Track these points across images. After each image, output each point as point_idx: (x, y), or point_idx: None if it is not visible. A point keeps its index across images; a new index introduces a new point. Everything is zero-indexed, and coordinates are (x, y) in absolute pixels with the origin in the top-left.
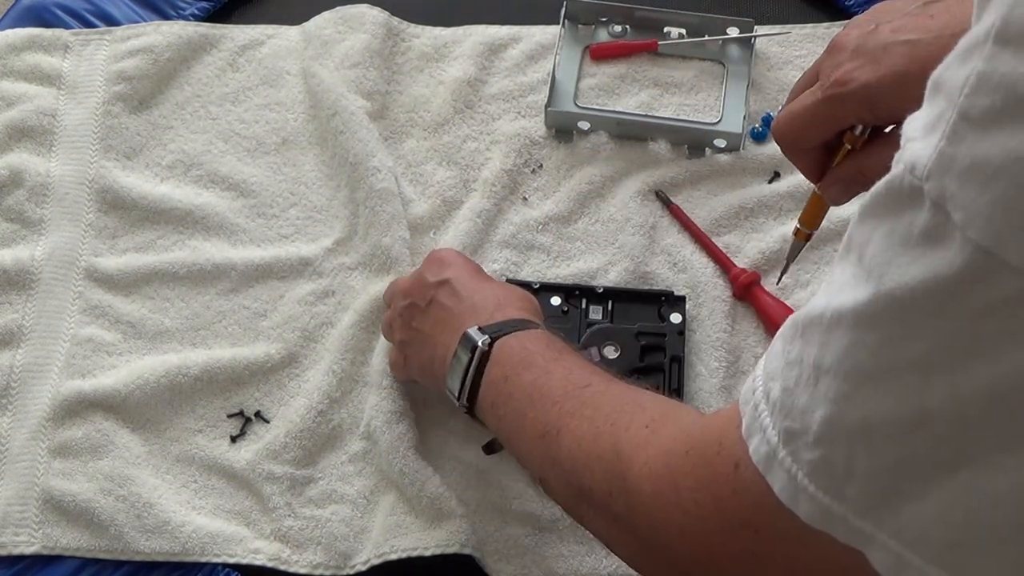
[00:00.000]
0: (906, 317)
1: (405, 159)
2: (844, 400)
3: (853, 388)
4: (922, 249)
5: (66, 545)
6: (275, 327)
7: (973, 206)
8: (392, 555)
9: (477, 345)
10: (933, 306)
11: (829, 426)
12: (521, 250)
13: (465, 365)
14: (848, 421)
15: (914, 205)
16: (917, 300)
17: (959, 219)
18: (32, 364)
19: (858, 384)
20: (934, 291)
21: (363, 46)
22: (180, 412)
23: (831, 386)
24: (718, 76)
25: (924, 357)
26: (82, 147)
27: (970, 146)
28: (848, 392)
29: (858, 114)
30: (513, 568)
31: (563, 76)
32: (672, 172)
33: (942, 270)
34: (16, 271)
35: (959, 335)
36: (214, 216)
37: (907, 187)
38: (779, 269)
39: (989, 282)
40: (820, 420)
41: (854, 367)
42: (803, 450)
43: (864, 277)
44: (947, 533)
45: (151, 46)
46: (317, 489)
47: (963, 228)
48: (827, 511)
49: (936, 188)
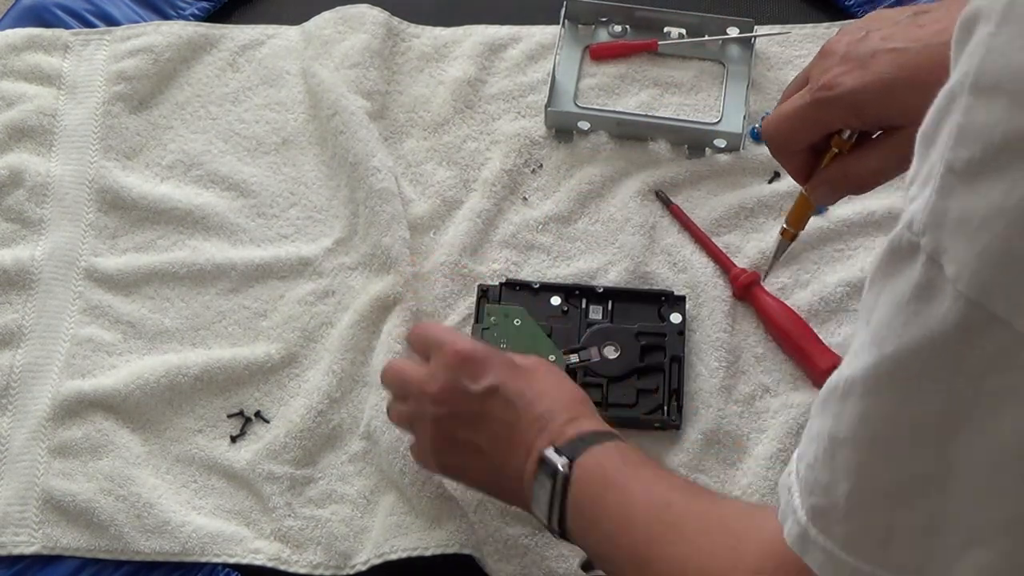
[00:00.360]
0: (910, 379)
1: (405, 159)
2: (866, 469)
3: (874, 456)
4: (918, 306)
5: (66, 545)
6: (275, 327)
7: (963, 259)
8: (392, 555)
9: (558, 470)
10: (933, 365)
11: (856, 497)
12: (521, 250)
13: (549, 492)
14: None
15: (912, 262)
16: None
17: (951, 273)
18: (32, 364)
19: (879, 451)
20: (932, 349)
21: (363, 46)
22: (180, 412)
23: (849, 457)
24: (718, 76)
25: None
26: (82, 147)
27: (958, 199)
28: (869, 460)
29: (845, 119)
30: (513, 568)
31: (563, 76)
32: (672, 172)
33: (937, 327)
34: (16, 271)
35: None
36: (214, 216)
37: (905, 244)
38: (780, 269)
39: (983, 336)
40: (846, 493)
41: (868, 435)
42: (835, 525)
43: (870, 342)
44: None
45: (151, 46)
46: (317, 489)
47: (954, 282)
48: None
49: (931, 242)
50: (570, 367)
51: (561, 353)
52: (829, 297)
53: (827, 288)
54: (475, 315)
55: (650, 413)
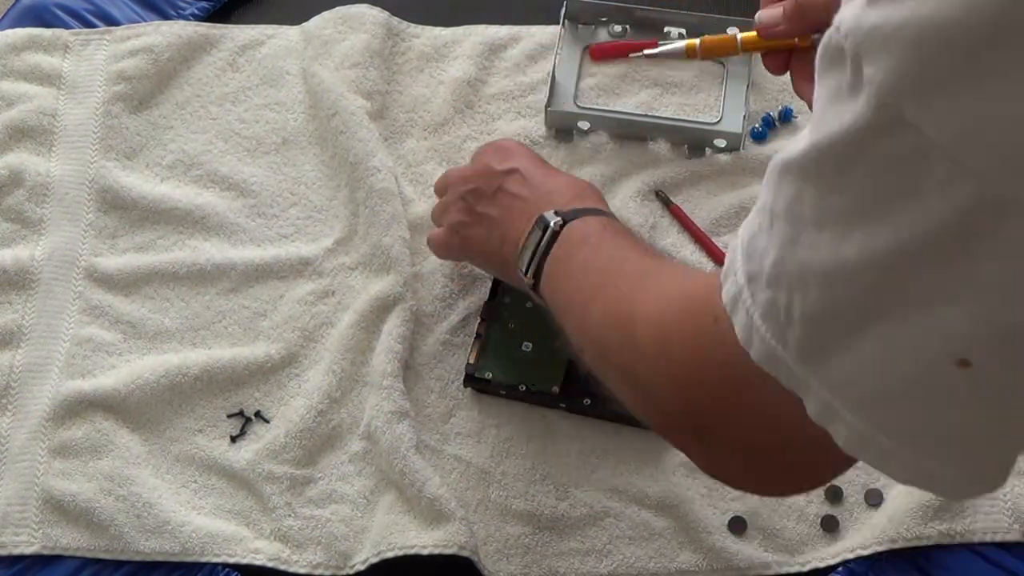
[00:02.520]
0: (831, 169)
1: (405, 159)
2: (788, 245)
3: (795, 234)
4: (843, 103)
5: (66, 545)
6: (275, 327)
7: (879, 62)
8: (389, 553)
9: (549, 225)
10: (848, 157)
11: (776, 268)
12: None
13: (536, 243)
14: (790, 266)
15: (840, 62)
16: (837, 151)
17: (868, 74)
18: (32, 364)
19: (798, 231)
20: (848, 142)
21: (363, 46)
22: (180, 412)
23: (781, 230)
24: (718, 76)
25: (845, 209)
26: (82, 147)
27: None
28: (791, 237)
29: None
30: (513, 568)
31: (563, 76)
32: (672, 172)
33: (854, 122)
34: (16, 271)
35: (871, 189)
36: (214, 216)
37: (834, 45)
38: None
39: (892, 136)
40: (771, 262)
41: (796, 214)
42: (759, 291)
43: (809, 130)
44: (865, 384)
45: (151, 46)
46: (317, 489)
47: (869, 82)
48: (773, 354)
49: (853, 46)
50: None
51: (567, 341)
52: None
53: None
54: (491, 292)
55: None
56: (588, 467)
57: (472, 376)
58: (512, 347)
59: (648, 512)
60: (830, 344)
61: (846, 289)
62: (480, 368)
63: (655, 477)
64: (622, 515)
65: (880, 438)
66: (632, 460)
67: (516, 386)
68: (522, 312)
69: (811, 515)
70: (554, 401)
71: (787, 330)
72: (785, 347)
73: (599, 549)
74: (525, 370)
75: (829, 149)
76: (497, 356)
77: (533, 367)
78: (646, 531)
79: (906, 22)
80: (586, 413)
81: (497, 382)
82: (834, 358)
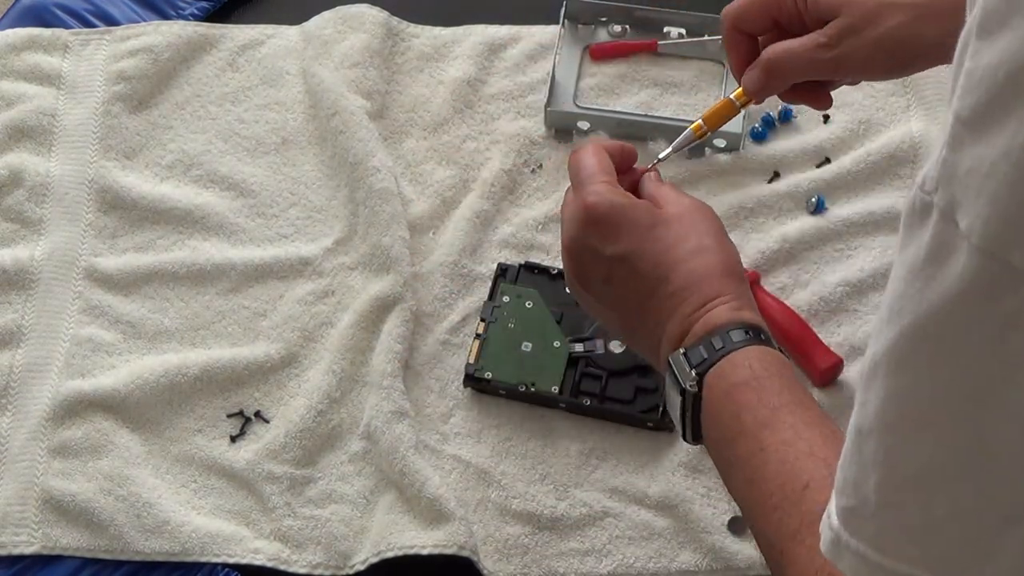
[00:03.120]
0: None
1: (405, 159)
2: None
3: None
4: (933, 269)
5: (66, 545)
6: (275, 327)
7: (975, 210)
8: (389, 552)
9: (685, 389)
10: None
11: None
12: (521, 249)
13: (679, 405)
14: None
15: (925, 223)
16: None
17: (964, 227)
18: (32, 364)
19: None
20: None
21: (363, 46)
22: (180, 412)
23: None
24: (718, 76)
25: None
26: (82, 147)
27: (968, 149)
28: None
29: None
30: (513, 568)
31: (563, 76)
32: (672, 172)
33: (954, 286)
34: (16, 271)
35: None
36: (214, 216)
37: (919, 205)
38: (780, 269)
39: (1002, 290)
40: (876, 485)
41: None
42: (866, 524)
43: (888, 318)
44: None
45: (151, 46)
46: (317, 489)
47: (968, 236)
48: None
49: (943, 198)
50: (573, 355)
51: (567, 340)
52: (829, 297)
53: (827, 288)
54: (490, 292)
55: (646, 412)
56: (588, 467)
57: (472, 376)
58: (512, 347)
59: (648, 512)
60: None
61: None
62: (480, 368)
63: (655, 477)
64: (622, 515)
65: None
66: (632, 460)
67: (516, 386)
68: (522, 312)
69: None
70: (554, 401)
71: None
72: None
73: (599, 549)
74: (525, 370)
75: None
76: (497, 356)
77: (533, 367)
78: (646, 531)
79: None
80: (586, 413)
81: (497, 382)
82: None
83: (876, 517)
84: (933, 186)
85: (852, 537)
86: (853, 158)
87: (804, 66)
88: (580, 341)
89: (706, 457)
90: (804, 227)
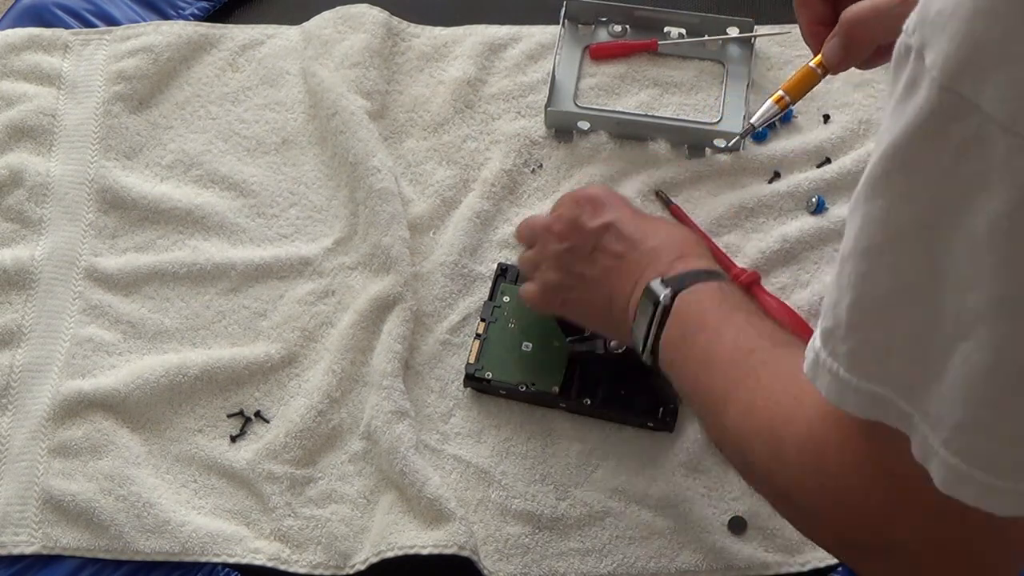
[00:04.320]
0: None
1: (405, 159)
2: (864, 279)
3: (870, 264)
4: (905, 102)
5: (66, 545)
6: (275, 327)
7: (938, 47)
8: (389, 552)
9: (659, 300)
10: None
11: (856, 310)
12: (521, 250)
13: (648, 319)
14: (871, 299)
15: (904, 64)
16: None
17: (928, 62)
18: (32, 364)
19: (873, 258)
20: (913, 139)
21: (363, 46)
22: (180, 412)
23: (852, 269)
24: (718, 76)
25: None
26: (82, 147)
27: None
28: (866, 269)
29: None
30: (513, 568)
31: (563, 76)
32: (672, 172)
33: (917, 116)
34: (16, 271)
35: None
36: (214, 216)
37: (902, 49)
38: (779, 269)
39: (955, 121)
40: (848, 307)
41: (868, 242)
42: (839, 344)
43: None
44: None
45: (151, 46)
46: (317, 489)
47: (930, 70)
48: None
49: (918, 39)
50: (573, 355)
51: (567, 340)
52: None
53: (827, 288)
54: (490, 292)
55: (646, 412)
56: (588, 467)
57: (472, 376)
58: (512, 347)
59: (648, 512)
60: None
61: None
62: (480, 368)
63: (655, 477)
64: (622, 515)
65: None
66: (632, 460)
67: (516, 386)
68: (522, 312)
69: None
70: (554, 401)
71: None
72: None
73: (599, 549)
74: (525, 370)
75: (894, 154)
76: (497, 356)
77: (533, 367)
78: (646, 531)
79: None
80: (586, 413)
81: (497, 382)
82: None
83: (847, 338)
84: (912, 28)
85: (828, 357)
86: (853, 158)
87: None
88: (580, 341)
89: (706, 457)
90: (804, 227)
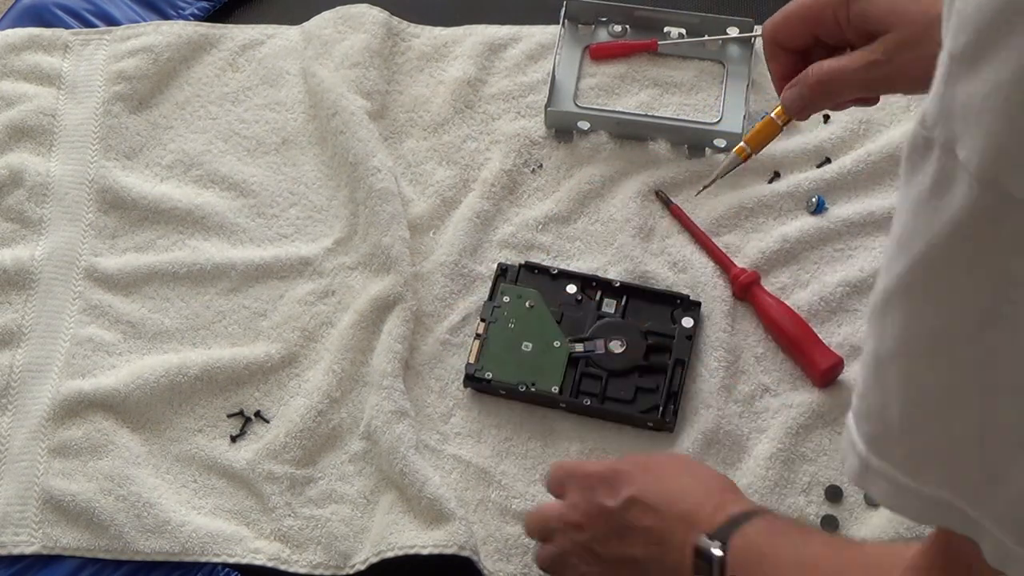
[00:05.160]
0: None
1: (405, 159)
2: (910, 383)
3: (914, 367)
4: (937, 200)
5: (66, 545)
6: (275, 327)
7: (972, 142)
8: (389, 552)
9: (713, 557)
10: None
11: (908, 415)
12: (521, 250)
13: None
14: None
15: (927, 158)
16: (944, 257)
17: (963, 158)
18: (32, 364)
19: (918, 362)
20: (955, 240)
21: (363, 46)
22: (180, 412)
23: (896, 373)
24: (718, 76)
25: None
26: (82, 147)
27: (963, 84)
28: (911, 373)
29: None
30: (513, 568)
31: (563, 76)
32: (672, 172)
33: (957, 215)
34: (16, 271)
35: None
36: (214, 216)
37: (920, 141)
38: (780, 269)
39: (1001, 217)
40: (898, 412)
41: (910, 346)
42: (893, 448)
43: (898, 250)
44: None
45: (151, 46)
46: (317, 489)
47: (967, 166)
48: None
49: (943, 133)
50: (573, 355)
51: (567, 340)
52: (829, 297)
53: (827, 288)
54: (490, 292)
55: (646, 412)
56: None
57: (472, 376)
58: (512, 347)
59: None
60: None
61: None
62: (480, 368)
63: None
64: None
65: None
66: None
67: (516, 386)
68: (522, 312)
69: (811, 515)
70: (554, 401)
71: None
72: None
73: None
74: (525, 370)
75: (934, 258)
76: (497, 356)
77: (533, 367)
78: None
79: (991, 91)
80: (586, 413)
81: (497, 382)
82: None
83: (902, 441)
84: (932, 122)
85: (881, 461)
86: (853, 158)
87: (856, 84)
88: (580, 341)
89: (707, 457)
90: (804, 227)
